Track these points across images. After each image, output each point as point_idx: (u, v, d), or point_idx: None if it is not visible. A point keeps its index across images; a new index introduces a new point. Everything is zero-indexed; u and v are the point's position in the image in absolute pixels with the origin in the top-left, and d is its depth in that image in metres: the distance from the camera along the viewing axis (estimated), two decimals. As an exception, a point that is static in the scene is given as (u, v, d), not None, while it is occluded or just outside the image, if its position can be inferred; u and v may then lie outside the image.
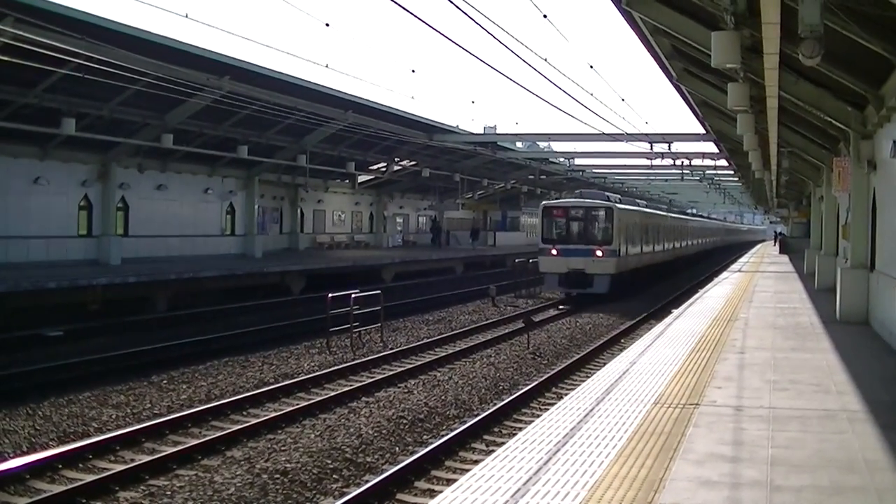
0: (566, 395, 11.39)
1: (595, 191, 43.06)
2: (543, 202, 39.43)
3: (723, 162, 52.49)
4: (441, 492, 7.46)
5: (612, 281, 36.13)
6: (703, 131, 37.62)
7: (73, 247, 34.35)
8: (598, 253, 35.92)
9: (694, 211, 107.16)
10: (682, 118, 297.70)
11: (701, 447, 8.59)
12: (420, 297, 36.75)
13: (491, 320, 29.58)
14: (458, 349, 23.13)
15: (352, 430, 14.32)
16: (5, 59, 23.27)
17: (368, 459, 12.85)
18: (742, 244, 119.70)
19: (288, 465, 12.23)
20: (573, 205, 37.87)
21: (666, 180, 71.94)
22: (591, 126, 33.04)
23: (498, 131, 67.05)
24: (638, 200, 50.72)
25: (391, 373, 19.56)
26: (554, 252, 36.38)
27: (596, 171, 66.95)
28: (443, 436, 14.03)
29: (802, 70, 15.84)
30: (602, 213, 37.00)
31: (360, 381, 18.64)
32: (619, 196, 43.94)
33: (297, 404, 16.30)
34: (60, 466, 12.30)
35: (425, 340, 24.63)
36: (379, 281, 41.15)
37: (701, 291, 30.16)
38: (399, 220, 68.97)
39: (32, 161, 32.56)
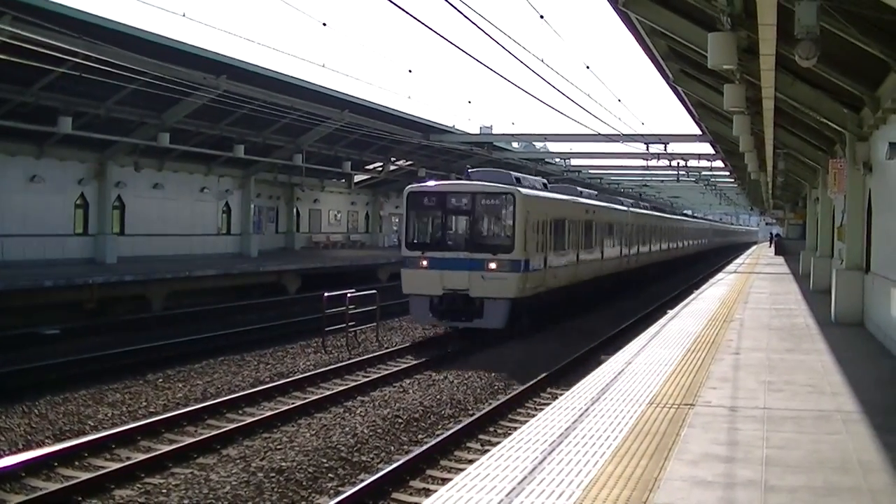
0: (561, 394, 11.41)
1: (500, 170, 29.74)
2: (409, 186, 26.16)
3: (719, 163, 52.59)
4: (436, 491, 7.47)
5: (514, 309, 23.92)
6: (700, 132, 37.70)
7: (70, 245, 34.31)
8: (491, 265, 23.63)
9: (691, 212, 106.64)
10: (679, 119, 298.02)
11: (696, 447, 8.61)
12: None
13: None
14: (454, 349, 23.13)
15: (347, 429, 14.33)
16: (3, 57, 23.25)
17: (364, 458, 12.86)
18: (734, 247, 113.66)
19: (284, 464, 12.24)
20: (453, 189, 25.50)
21: (662, 181, 71.97)
22: (587, 127, 32.82)
23: (494, 131, 67.04)
24: (578, 188, 37.64)
25: (386, 372, 19.58)
26: (423, 263, 24.02)
27: (592, 171, 66.99)
28: (438, 435, 14.05)
29: (799, 72, 15.88)
30: (497, 201, 24.54)
31: (356, 381, 18.65)
32: (543, 180, 31.75)
33: (293, 403, 16.31)
34: (56, 464, 12.30)
35: (420, 340, 24.65)
36: (375, 280, 41.14)
37: (696, 292, 30.20)
38: (395, 219, 68.96)
39: (29, 159, 32.52)
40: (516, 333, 24.54)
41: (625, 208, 42.68)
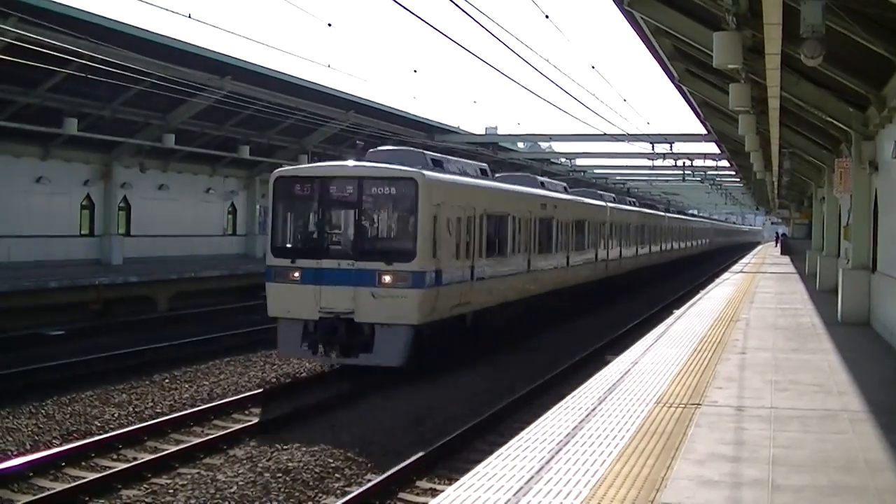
0: (568, 394, 11.42)
1: (410, 149, 23.39)
2: (277, 170, 19.97)
3: (724, 163, 52.54)
4: (443, 490, 7.48)
5: (418, 339, 18.00)
6: (705, 132, 37.69)
7: (76, 246, 34.37)
8: (385, 278, 17.78)
9: (696, 211, 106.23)
10: (684, 119, 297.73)
11: (702, 447, 8.61)
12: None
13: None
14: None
15: (354, 428, 14.33)
16: (8, 58, 23.32)
17: (370, 458, 12.86)
18: (736, 248, 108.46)
19: (290, 464, 12.26)
20: (333, 174, 19.12)
21: (667, 181, 71.97)
22: (592, 127, 32.77)
23: (499, 132, 67.16)
24: (539, 178, 30.99)
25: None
26: (295, 275, 18.33)
27: (597, 171, 67.01)
28: (445, 435, 14.03)
29: (804, 71, 15.88)
30: (393, 189, 18.56)
31: (362, 381, 18.63)
32: (483, 165, 25.59)
33: (299, 403, 16.31)
34: (63, 465, 12.33)
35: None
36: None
37: (702, 292, 30.18)
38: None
39: (35, 160, 32.56)
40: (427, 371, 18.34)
41: (602, 203, 36.46)
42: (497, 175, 27.89)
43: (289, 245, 19.17)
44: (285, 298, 18.40)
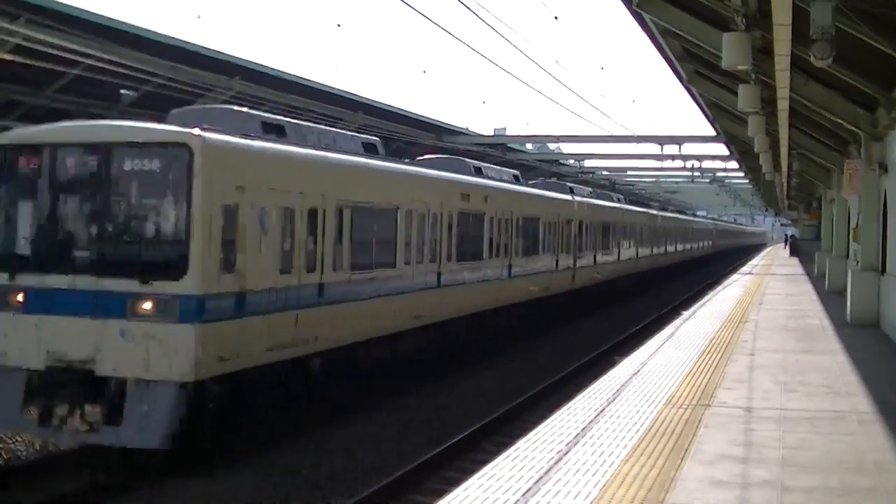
0: (577, 395, 11.41)
1: (231, 109, 16.29)
2: None
3: (733, 164, 52.46)
4: (451, 490, 7.47)
5: (197, 404, 11.55)
6: (714, 133, 37.65)
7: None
8: (143, 305, 11.34)
9: (704, 212, 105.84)
10: (693, 120, 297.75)
11: (711, 448, 8.60)
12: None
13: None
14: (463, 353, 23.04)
15: (360, 430, 14.35)
16: (17, 59, 23.37)
17: (378, 460, 12.87)
18: (740, 250, 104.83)
19: (298, 465, 12.27)
20: (71, 140, 12.49)
21: (676, 182, 71.90)
22: (601, 127, 32.76)
23: (508, 133, 67.03)
24: (471, 164, 23.59)
25: (399, 373, 19.53)
26: (17, 299, 11.99)
27: (606, 172, 66.93)
28: (452, 436, 14.03)
29: (813, 72, 15.86)
30: (157, 163, 11.81)
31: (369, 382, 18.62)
32: (372, 140, 18.27)
33: (306, 405, 16.29)
34: (73, 465, 12.33)
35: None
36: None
37: (711, 294, 30.14)
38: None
39: (44, 162, 32.62)
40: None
41: (566, 197, 30.10)
42: (419, 158, 22.86)
43: (10, 252, 12.58)
44: (2, 335, 12.07)
